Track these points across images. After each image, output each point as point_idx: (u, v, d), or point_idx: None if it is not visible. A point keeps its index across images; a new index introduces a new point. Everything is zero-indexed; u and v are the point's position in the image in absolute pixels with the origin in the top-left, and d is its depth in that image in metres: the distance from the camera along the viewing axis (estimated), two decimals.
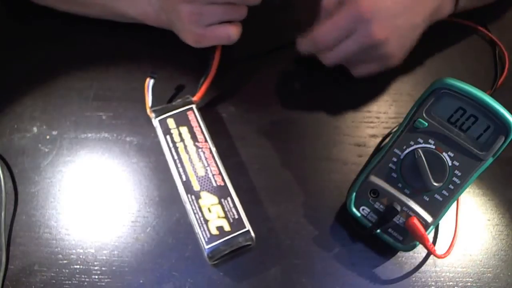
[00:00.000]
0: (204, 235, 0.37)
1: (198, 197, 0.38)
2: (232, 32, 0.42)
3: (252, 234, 0.37)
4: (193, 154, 0.40)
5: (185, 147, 0.40)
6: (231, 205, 0.38)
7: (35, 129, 0.45)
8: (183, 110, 0.42)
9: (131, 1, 0.45)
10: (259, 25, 0.45)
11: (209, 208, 0.38)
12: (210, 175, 0.39)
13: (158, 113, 0.42)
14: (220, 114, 0.46)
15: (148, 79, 0.43)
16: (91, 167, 0.43)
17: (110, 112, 0.46)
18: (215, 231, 0.37)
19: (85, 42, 0.49)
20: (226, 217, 0.37)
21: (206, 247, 0.36)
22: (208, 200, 0.38)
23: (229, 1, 0.40)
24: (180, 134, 0.41)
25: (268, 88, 0.48)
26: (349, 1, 0.40)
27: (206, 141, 0.41)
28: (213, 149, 0.41)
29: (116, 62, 0.48)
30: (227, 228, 0.37)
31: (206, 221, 0.37)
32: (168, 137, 0.41)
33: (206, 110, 0.46)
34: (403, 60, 0.44)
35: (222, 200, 0.38)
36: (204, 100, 0.47)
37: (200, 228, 0.37)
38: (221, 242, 0.37)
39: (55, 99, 0.46)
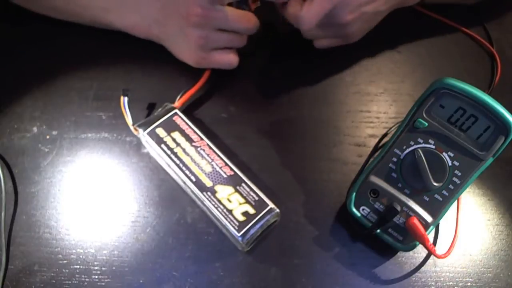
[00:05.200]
0: (233, 224, 0.37)
1: (213, 192, 0.39)
2: (234, 60, 0.45)
3: (277, 209, 0.38)
4: (194, 154, 0.40)
5: (183, 150, 0.40)
6: (248, 189, 0.39)
7: (35, 129, 0.45)
8: (168, 117, 0.42)
9: (121, 14, 0.45)
10: None
11: (228, 199, 0.38)
12: (218, 169, 0.40)
13: (144, 126, 0.42)
14: (220, 114, 0.46)
15: (122, 98, 0.43)
16: (91, 167, 0.43)
17: (110, 112, 0.46)
18: (242, 218, 0.38)
19: (85, 42, 0.49)
20: (247, 201, 0.38)
21: (239, 234, 0.37)
22: (224, 191, 0.39)
23: (234, 30, 0.43)
24: (174, 140, 0.41)
25: (268, 88, 0.48)
26: None
27: (202, 139, 0.41)
28: (211, 145, 0.41)
29: (116, 62, 0.48)
30: (252, 211, 0.38)
31: (230, 211, 0.38)
32: (163, 145, 0.40)
33: (206, 110, 0.46)
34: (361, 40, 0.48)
35: (238, 187, 0.39)
36: (204, 100, 0.47)
37: (226, 219, 0.37)
38: (251, 225, 0.37)
39: (55, 99, 0.46)
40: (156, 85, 0.47)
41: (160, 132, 0.41)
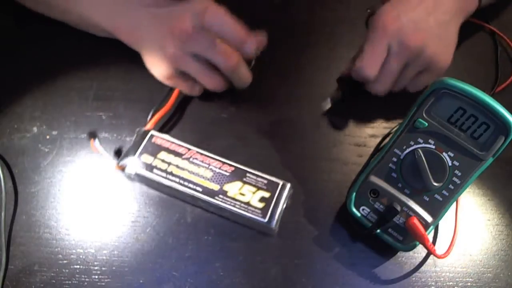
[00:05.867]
0: (256, 214, 0.38)
1: (224, 193, 0.39)
2: (197, 91, 0.45)
3: (288, 183, 0.40)
4: (189, 166, 0.40)
5: (177, 166, 0.40)
6: (254, 177, 0.40)
7: (35, 129, 0.45)
8: (147, 142, 0.41)
9: (108, 13, 0.45)
10: None
11: (240, 193, 0.39)
12: (218, 170, 0.40)
13: (127, 159, 0.40)
14: (220, 114, 0.46)
15: (92, 141, 0.42)
16: (91, 167, 0.43)
17: (110, 112, 0.46)
18: (260, 205, 0.38)
19: (85, 42, 0.49)
20: (258, 188, 0.39)
21: (266, 220, 0.38)
22: (234, 188, 0.39)
23: (211, 60, 0.42)
24: (163, 161, 0.40)
25: (268, 88, 0.48)
26: (375, 23, 0.41)
27: (189, 149, 0.41)
28: (201, 151, 0.41)
29: (116, 62, 0.48)
30: (266, 195, 0.39)
31: (248, 203, 0.38)
32: (155, 170, 0.40)
33: (206, 110, 0.46)
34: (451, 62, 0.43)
35: (244, 179, 0.40)
36: (204, 100, 0.47)
37: (248, 212, 0.38)
38: (273, 208, 0.39)
39: (55, 99, 0.46)
40: (155, 85, 0.47)
41: (146, 158, 0.40)
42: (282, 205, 0.39)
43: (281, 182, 0.40)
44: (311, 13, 0.54)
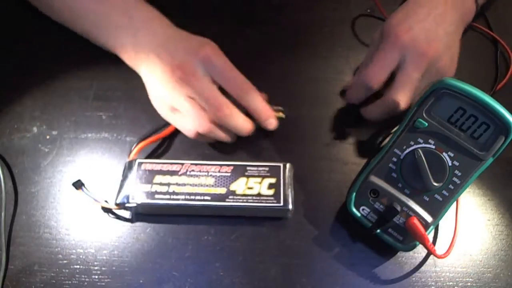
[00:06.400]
0: (270, 202, 0.39)
1: (232, 193, 0.39)
2: (193, 132, 0.41)
3: (287, 163, 0.41)
4: (189, 180, 0.40)
5: (177, 184, 0.39)
6: (255, 168, 0.40)
7: (35, 129, 0.45)
8: (137, 171, 0.40)
9: (113, 35, 0.44)
10: None
11: (248, 188, 0.39)
12: (219, 174, 0.40)
13: (125, 195, 0.39)
14: None
15: (80, 190, 0.40)
16: (91, 167, 0.43)
17: (110, 112, 0.46)
18: (271, 192, 0.39)
19: (85, 41, 0.49)
20: (263, 177, 0.40)
21: (281, 204, 0.39)
22: (240, 185, 0.39)
23: (202, 105, 0.40)
24: (161, 184, 0.39)
25: (268, 88, 0.48)
26: (387, 33, 0.41)
27: (183, 164, 0.41)
28: (194, 162, 0.41)
29: (116, 62, 0.48)
30: (273, 180, 0.40)
31: (258, 195, 0.39)
32: (157, 196, 0.39)
33: None
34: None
35: (246, 173, 0.40)
36: None
37: (262, 203, 0.39)
38: (283, 190, 0.39)
39: (55, 99, 0.46)
40: None
41: (144, 187, 0.39)
42: (290, 185, 0.40)
43: (281, 164, 0.40)
44: (310, 13, 0.54)
